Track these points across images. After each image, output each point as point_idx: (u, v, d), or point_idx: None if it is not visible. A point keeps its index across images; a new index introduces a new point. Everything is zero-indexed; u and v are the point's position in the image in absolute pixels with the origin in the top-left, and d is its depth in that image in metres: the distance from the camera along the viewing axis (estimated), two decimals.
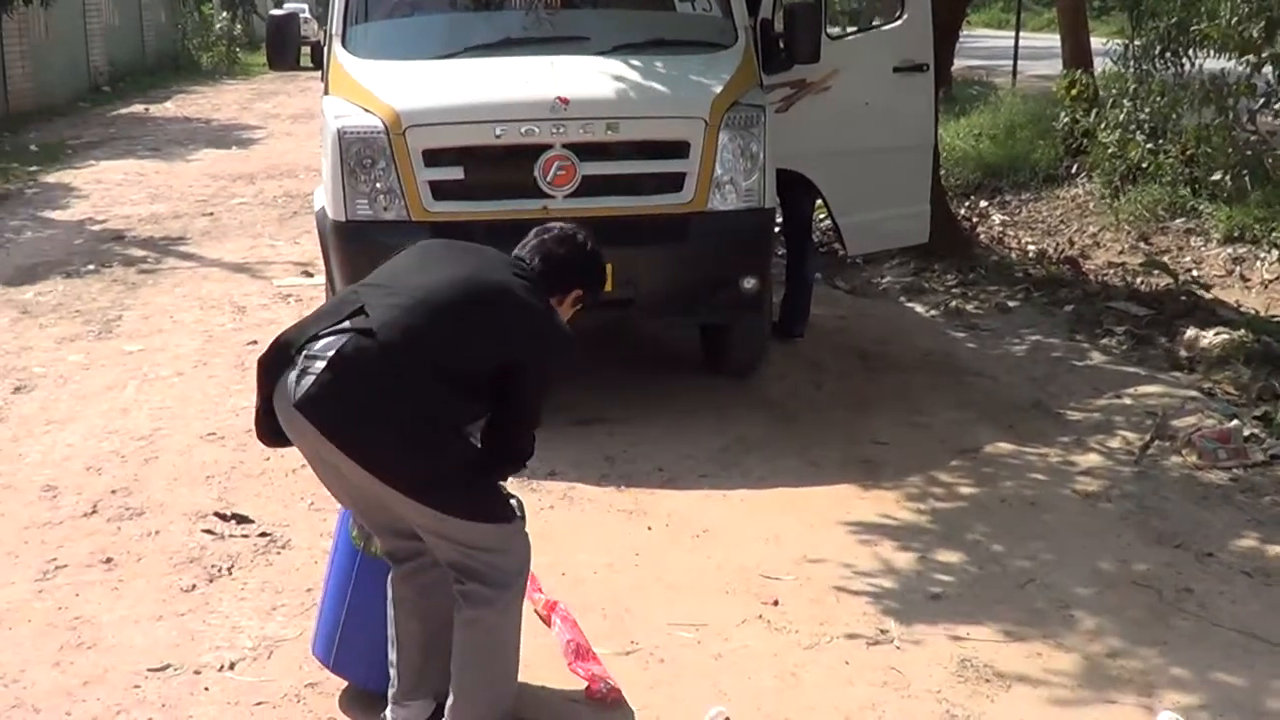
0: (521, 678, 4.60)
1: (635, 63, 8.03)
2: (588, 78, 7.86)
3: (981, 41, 30.82)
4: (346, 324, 4.15)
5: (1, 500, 6.76)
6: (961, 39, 19.16)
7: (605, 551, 6.12)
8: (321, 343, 4.12)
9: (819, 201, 9.72)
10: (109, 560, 6.02)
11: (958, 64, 19.31)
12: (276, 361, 4.20)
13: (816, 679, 5.06)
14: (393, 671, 4.53)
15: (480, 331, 4.21)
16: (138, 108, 27.73)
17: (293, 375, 4.11)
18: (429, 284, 4.29)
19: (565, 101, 7.48)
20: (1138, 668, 5.15)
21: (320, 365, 4.06)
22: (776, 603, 5.64)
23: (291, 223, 14.25)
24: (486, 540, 4.26)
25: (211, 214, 15.10)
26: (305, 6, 42.73)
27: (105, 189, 16.94)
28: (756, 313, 8.22)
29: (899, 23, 9.79)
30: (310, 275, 11.43)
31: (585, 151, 7.52)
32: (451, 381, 4.16)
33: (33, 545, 6.20)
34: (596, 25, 8.77)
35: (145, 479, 7.01)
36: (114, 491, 6.83)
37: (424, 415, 4.13)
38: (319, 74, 8.56)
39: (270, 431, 4.33)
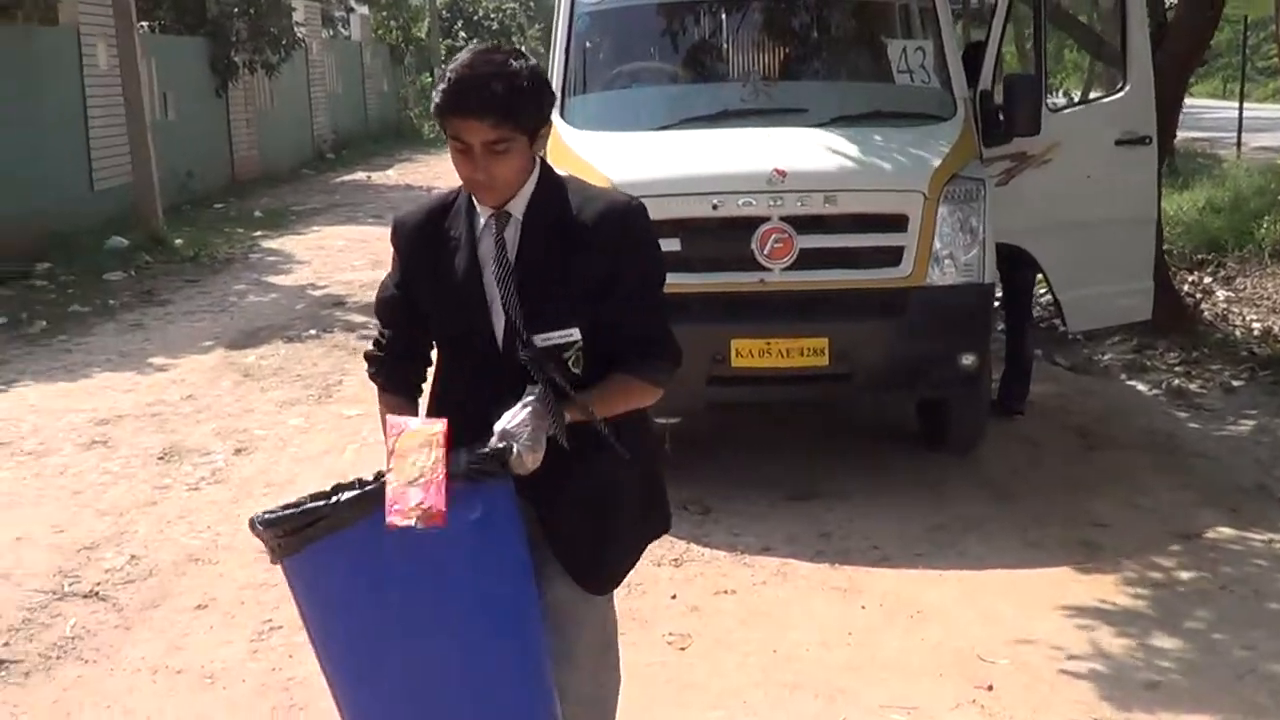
0: None
1: (853, 135, 7.96)
2: (805, 150, 7.81)
3: (1205, 112, 30.23)
4: None
5: (220, 560, 6.93)
6: (1184, 110, 18.88)
7: (818, 630, 6.02)
8: None
9: (1039, 276, 9.56)
10: None
11: (1180, 135, 18.96)
12: None
13: None
14: None
15: None
16: (360, 175, 28.34)
17: None
18: None
19: (783, 174, 7.44)
20: None
21: None
22: (991, 687, 5.51)
23: None
24: None
25: None
26: None
27: (327, 255, 17.33)
28: (975, 389, 8.06)
29: (1121, 94, 9.60)
30: None
31: (803, 224, 7.46)
32: None
33: (249, 605, 6.33)
34: (815, 97, 8.72)
35: None
36: None
37: None
38: None
39: None
